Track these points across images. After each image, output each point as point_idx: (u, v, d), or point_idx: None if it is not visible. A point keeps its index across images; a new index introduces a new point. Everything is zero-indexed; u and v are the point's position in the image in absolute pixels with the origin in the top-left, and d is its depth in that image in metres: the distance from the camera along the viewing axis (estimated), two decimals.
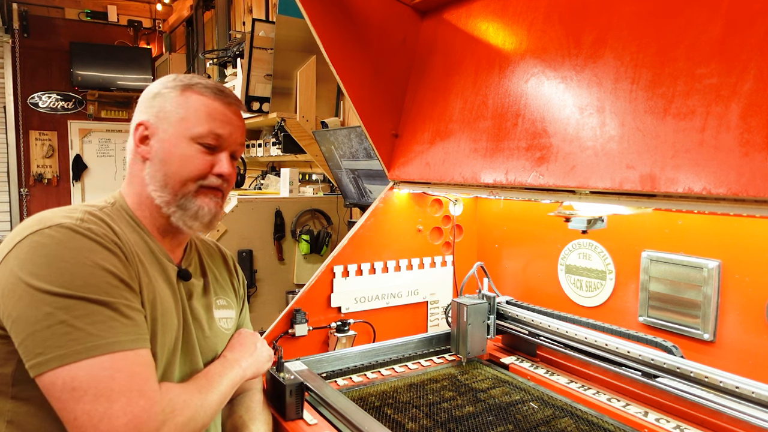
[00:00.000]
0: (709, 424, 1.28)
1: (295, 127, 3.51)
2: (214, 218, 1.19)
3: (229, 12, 5.58)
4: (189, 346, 1.16)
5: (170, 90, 1.15)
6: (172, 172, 1.12)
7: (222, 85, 1.22)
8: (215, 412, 1.09)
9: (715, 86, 1.06)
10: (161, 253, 1.16)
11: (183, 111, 1.13)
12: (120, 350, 0.93)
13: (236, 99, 1.21)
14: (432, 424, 1.39)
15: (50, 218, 0.99)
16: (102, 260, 0.97)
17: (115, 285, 0.97)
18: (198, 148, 1.13)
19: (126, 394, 0.90)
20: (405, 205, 1.97)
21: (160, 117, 1.14)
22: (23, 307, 0.91)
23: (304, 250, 3.34)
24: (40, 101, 7.25)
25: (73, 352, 0.89)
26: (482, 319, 1.75)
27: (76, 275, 0.93)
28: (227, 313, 1.30)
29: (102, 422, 0.88)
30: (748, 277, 1.36)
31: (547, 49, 1.42)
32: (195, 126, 1.13)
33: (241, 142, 1.21)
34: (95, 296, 0.93)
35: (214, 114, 1.14)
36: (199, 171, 1.14)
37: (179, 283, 1.17)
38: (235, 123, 1.18)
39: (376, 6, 1.82)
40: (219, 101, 1.16)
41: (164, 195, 1.13)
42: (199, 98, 1.14)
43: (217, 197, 1.18)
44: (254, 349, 1.31)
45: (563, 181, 1.32)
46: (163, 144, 1.13)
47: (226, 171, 1.16)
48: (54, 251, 0.94)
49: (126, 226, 1.12)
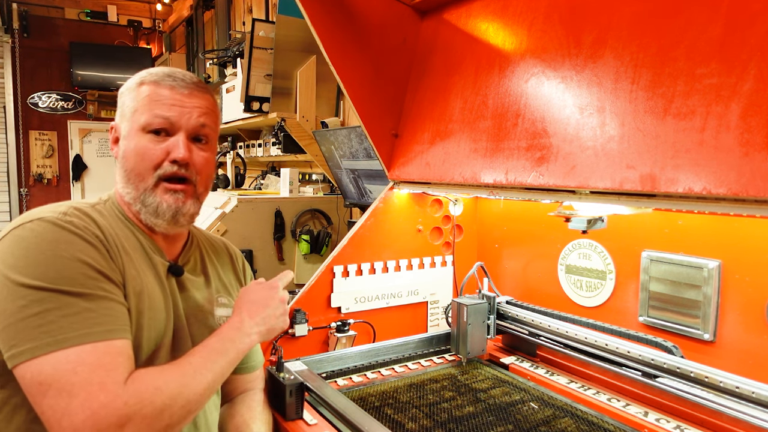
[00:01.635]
0: (709, 424, 1.28)
1: (295, 127, 3.50)
2: (178, 214, 1.12)
3: (229, 12, 5.58)
4: (181, 342, 1.15)
5: (128, 87, 1.16)
6: (131, 167, 1.11)
7: (179, 69, 1.17)
8: (206, 395, 1.02)
9: (715, 86, 1.06)
10: (152, 249, 1.15)
11: (134, 104, 1.12)
12: (90, 342, 0.91)
13: (190, 81, 1.15)
14: (432, 424, 1.39)
15: (35, 213, 1.00)
16: (79, 252, 0.97)
17: (91, 276, 0.96)
18: (149, 138, 1.10)
19: (86, 388, 0.88)
20: (405, 205, 1.97)
21: (121, 116, 1.15)
22: (1, 300, 0.92)
23: (304, 250, 3.34)
24: (40, 101, 7.26)
25: (42, 345, 0.89)
26: (482, 319, 1.75)
27: (51, 267, 0.93)
28: (228, 312, 1.29)
29: (63, 418, 0.86)
30: (748, 277, 1.36)
31: (547, 49, 1.42)
32: (143, 115, 1.10)
33: (201, 122, 1.13)
34: (69, 288, 0.93)
35: (159, 98, 1.11)
36: (152, 160, 1.10)
37: (170, 279, 1.16)
38: (188, 104, 1.12)
39: (376, 6, 1.82)
40: (166, 86, 1.12)
41: (129, 191, 1.12)
42: (148, 87, 1.12)
43: (179, 192, 1.12)
44: (265, 307, 1.20)
45: (563, 181, 1.32)
46: (124, 141, 1.13)
47: (181, 155, 1.09)
48: (32, 244, 0.95)
49: (116, 221, 1.12)
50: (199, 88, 1.17)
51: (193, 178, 1.14)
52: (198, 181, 1.15)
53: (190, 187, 1.14)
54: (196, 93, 1.15)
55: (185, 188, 1.13)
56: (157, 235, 1.18)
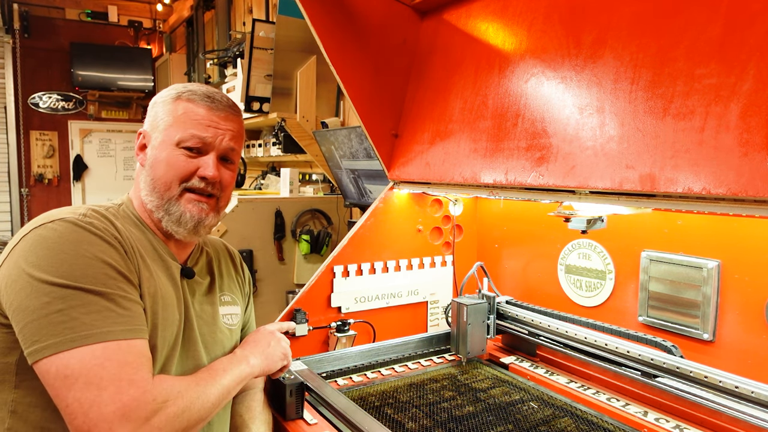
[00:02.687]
0: (708, 423, 1.28)
1: (295, 127, 3.51)
2: (199, 225, 1.18)
3: (229, 12, 5.58)
4: (191, 342, 1.17)
5: (164, 99, 1.19)
6: (158, 176, 1.15)
7: (216, 90, 1.23)
8: (215, 406, 1.08)
9: (715, 86, 1.06)
10: (165, 252, 1.19)
11: (171, 118, 1.16)
12: (113, 339, 0.94)
13: (227, 104, 1.21)
14: (432, 423, 1.39)
15: (55, 214, 1.04)
16: (101, 252, 1.00)
17: (112, 276, 0.99)
18: (182, 152, 1.15)
19: (115, 382, 0.91)
20: (405, 205, 1.97)
21: (153, 126, 1.19)
22: (24, 297, 0.94)
23: (304, 250, 3.34)
24: (40, 101, 7.25)
25: (66, 340, 0.92)
26: (482, 319, 1.75)
27: (74, 266, 0.96)
28: (232, 310, 1.33)
29: (92, 409, 0.89)
30: (747, 277, 1.36)
31: (547, 49, 1.42)
32: (179, 131, 1.15)
33: (231, 146, 1.20)
34: (92, 287, 0.96)
35: (197, 118, 1.16)
36: (182, 173, 1.15)
37: (183, 281, 1.20)
38: (222, 127, 1.18)
39: (376, 6, 1.83)
40: (204, 106, 1.17)
41: (153, 199, 1.16)
42: (186, 105, 1.17)
43: (203, 203, 1.17)
44: (266, 346, 1.31)
45: (563, 181, 1.32)
46: (154, 151, 1.17)
47: (210, 173, 1.16)
48: (55, 243, 0.98)
49: (131, 225, 1.16)
50: (234, 112, 1.22)
51: (218, 194, 1.20)
52: (222, 196, 1.22)
53: (214, 201, 1.20)
54: (231, 117, 1.21)
55: (209, 201, 1.19)
56: (170, 241, 1.21)
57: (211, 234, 1.42)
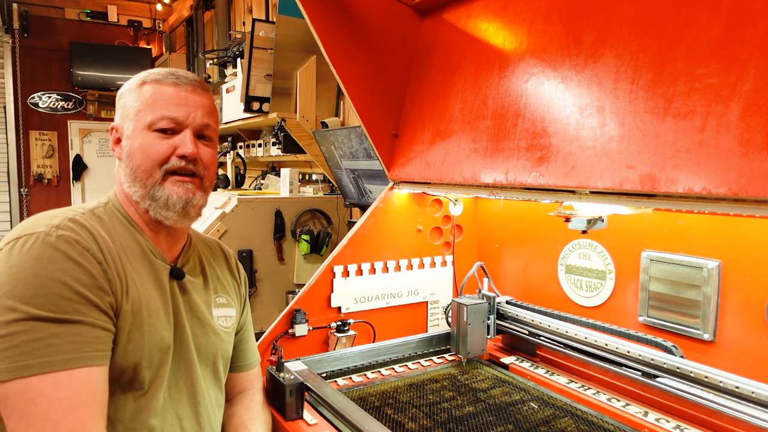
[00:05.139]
0: (709, 424, 1.28)
1: (295, 127, 3.51)
2: (188, 205, 1.14)
3: (229, 12, 5.58)
4: (183, 345, 1.15)
5: (129, 88, 1.17)
6: (137, 165, 1.12)
7: (180, 69, 1.19)
8: None
9: (715, 86, 1.06)
10: (153, 252, 1.15)
11: (138, 104, 1.13)
12: (50, 371, 0.91)
13: (193, 80, 1.18)
14: (432, 424, 1.39)
15: (29, 227, 1.00)
16: (59, 271, 0.95)
17: (67, 298, 0.95)
18: (156, 135, 1.12)
19: (41, 422, 0.89)
20: (405, 205, 1.97)
21: (124, 116, 1.16)
22: None
23: (304, 250, 3.34)
24: (40, 101, 7.25)
25: (4, 371, 0.89)
26: (482, 319, 1.75)
27: (27, 286, 0.93)
28: (226, 312, 1.30)
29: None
30: (747, 277, 1.36)
31: (547, 49, 1.42)
32: (148, 114, 1.12)
33: (205, 122, 1.16)
34: (39, 311, 0.92)
35: (165, 98, 1.13)
36: (160, 156, 1.12)
37: (172, 282, 1.17)
38: (192, 103, 1.15)
39: (376, 6, 1.82)
40: (170, 85, 1.14)
41: (137, 189, 1.13)
42: (151, 87, 1.14)
43: (187, 183, 1.14)
44: None
45: (563, 181, 1.32)
46: (128, 141, 1.14)
47: (188, 150, 1.12)
48: (17, 261, 0.95)
49: (118, 225, 1.13)
50: (202, 86, 1.19)
51: (201, 173, 1.17)
52: (205, 175, 1.18)
53: (198, 180, 1.17)
54: (200, 91, 1.18)
55: (194, 180, 1.16)
56: (159, 237, 1.18)
57: (211, 234, 1.41)
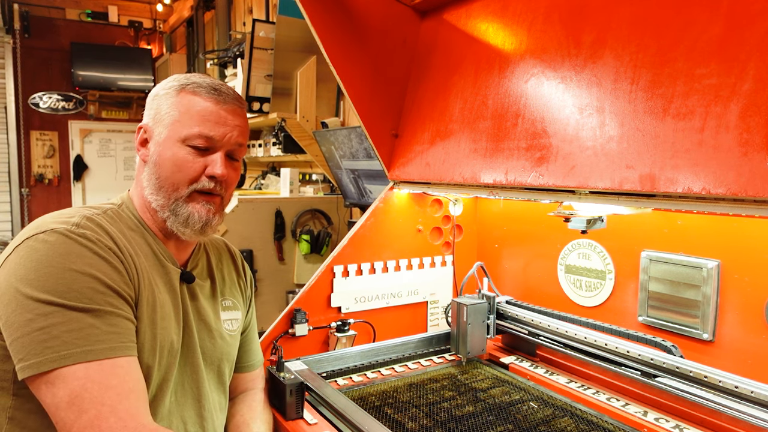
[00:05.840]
0: (708, 423, 1.28)
1: (296, 127, 3.51)
2: (207, 225, 1.14)
3: (229, 12, 5.58)
4: (190, 349, 1.16)
5: (167, 91, 1.14)
6: (165, 176, 1.11)
7: (220, 83, 1.17)
8: None
9: (715, 86, 1.06)
10: (164, 256, 1.16)
11: (176, 112, 1.11)
12: (94, 359, 0.92)
13: (234, 97, 1.16)
14: (432, 423, 1.39)
15: (48, 223, 1.00)
16: (88, 266, 0.97)
17: (100, 291, 0.96)
18: (189, 150, 1.11)
19: (97, 406, 0.90)
20: (405, 205, 1.97)
21: (157, 120, 1.13)
22: (11, 312, 0.93)
23: (304, 250, 3.34)
24: (40, 101, 7.25)
25: (47, 360, 0.90)
26: (482, 319, 1.75)
27: (60, 280, 0.94)
28: (233, 315, 1.31)
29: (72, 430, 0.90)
30: (747, 277, 1.36)
31: (547, 50, 1.42)
32: (185, 128, 1.10)
33: (239, 142, 1.16)
34: (75, 303, 0.93)
35: (205, 114, 1.11)
36: (191, 174, 1.11)
37: (182, 286, 1.17)
38: (230, 123, 1.13)
39: (376, 6, 1.83)
40: (211, 100, 1.12)
41: (159, 199, 1.12)
42: (192, 98, 1.12)
43: (210, 203, 1.14)
44: None
45: (563, 181, 1.32)
46: (158, 147, 1.12)
47: (219, 172, 1.12)
48: (44, 256, 0.95)
49: (130, 228, 1.12)
50: (240, 104, 1.18)
51: (223, 193, 1.17)
52: (225, 195, 1.18)
53: (219, 199, 1.17)
54: (238, 111, 1.16)
55: (215, 200, 1.16)
56: (169, 241, 1.18)
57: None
